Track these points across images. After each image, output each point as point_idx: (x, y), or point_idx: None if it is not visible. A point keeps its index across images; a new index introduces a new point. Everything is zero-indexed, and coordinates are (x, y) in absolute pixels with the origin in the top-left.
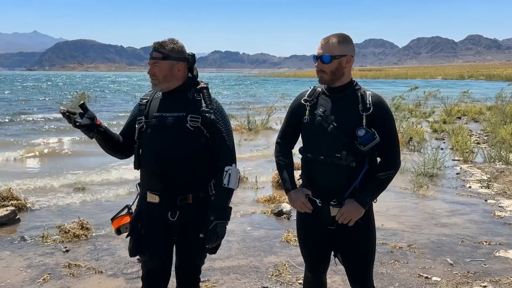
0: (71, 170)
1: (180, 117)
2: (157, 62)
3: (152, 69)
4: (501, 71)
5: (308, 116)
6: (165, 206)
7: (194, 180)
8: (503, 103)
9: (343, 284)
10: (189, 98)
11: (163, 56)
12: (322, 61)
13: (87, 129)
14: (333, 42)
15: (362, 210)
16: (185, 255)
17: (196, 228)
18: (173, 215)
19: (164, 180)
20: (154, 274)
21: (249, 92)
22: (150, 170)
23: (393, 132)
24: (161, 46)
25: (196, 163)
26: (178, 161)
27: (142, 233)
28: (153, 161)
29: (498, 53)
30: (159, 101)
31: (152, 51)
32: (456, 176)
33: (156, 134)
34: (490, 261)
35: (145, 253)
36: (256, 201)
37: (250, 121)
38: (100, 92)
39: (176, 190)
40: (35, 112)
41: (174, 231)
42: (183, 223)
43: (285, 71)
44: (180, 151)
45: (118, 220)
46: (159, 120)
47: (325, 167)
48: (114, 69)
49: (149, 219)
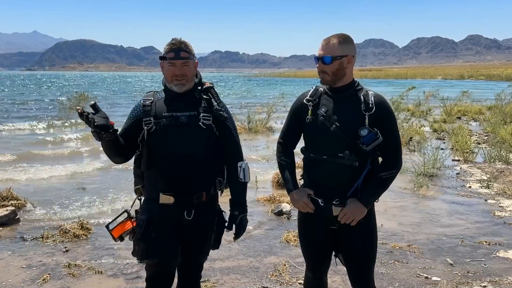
0: (71, 169)
1: (193, 116)
2: (186, 62)
3: (182, 69)
4: (501, 71)
5: (310, 116)
6: (180, 206)
7: (207, 177)
8: (502, 104)
9: (343, 284)
10: (196, 97)
11: (189, 55)
12: (323, 62)
13: (102, 130)
14: (333, 42)
15: (365, 210)
16: (191, 252)
17: (205, 225)
18: (189, 214)
19: (180, 179)
20: (160, 276)
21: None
22: (163, 171)
23: (395, 132)
24: (186, 46)
25: (208, 160)
26: (194, 160)
27: (153, 236)
28: (167, 161)
29: (498, 53)
30: (165, 101)
31: (178, 51)
32: (456, 176)
33: (170, 134)
34: (490, 261)
35: (155, 257)
36: (256, 201)
37: (250, 121)
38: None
39: (192, 189)
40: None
41: (188, 230)
42: (197, 221)
43: (285, 71)
44: (195, 150)
45: (120, 227)
46: (171, 120)
47: (327, 166)
48: (114, 69)
49: (162, 222)
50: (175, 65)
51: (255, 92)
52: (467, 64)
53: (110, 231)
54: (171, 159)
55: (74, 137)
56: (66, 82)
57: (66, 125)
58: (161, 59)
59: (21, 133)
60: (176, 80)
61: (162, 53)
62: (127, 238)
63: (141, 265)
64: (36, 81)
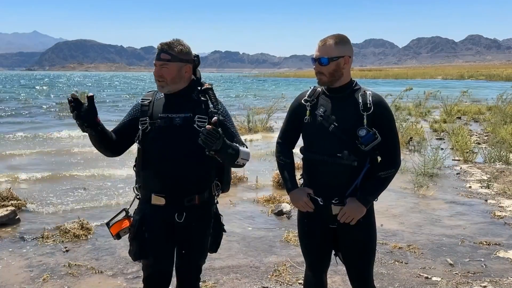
0: (71, 170)
1: (188, 118)
2: (165, 63)
3: (159, 71)
4: (501, 71)
5: (308, 116)
6: (171, 208)
7: (200, 180)
8: (503, 104)
9: (343, 284)
10: (194, 99)
11: (171, 57)
12: (320, 63)
13: (84, 123)
14: (330, 44)
15: (364, 209)
16: (187, 255)
17: (200, 228)
18: (180, 216)
19: (171, 181)
20: (156, 277)
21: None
22: (156, 172)
23: (394, 131)
24: (169, 48)
25: (202, 163)
26: (186, 162)
27: (146, 237)
28: (160, 163)
29: (498, 53)
30: (163, 102)
31: (159, 52)
32: (456, 176)
33: (163, 135)
34: (490, 261)
35: (148, 257)
36: (256, 201)
37: (250, 121)
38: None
39: (183, 192)
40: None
41: (180, 232)
42: (189, 224)
43: (285, 71)
44: (187, 152)
45: (117, 225)
46: (165, 121)
47: (326, 166)
48: (114, 69)
49: (154, 222)
50: (156, 66)
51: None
52: (467, 64)
53: (109, 227)
54: (163, 161)
55: (74, 135)
56: (77, 82)
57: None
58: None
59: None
60: (157, 81)
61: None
62: (125, 236)
63: (141, 265)
64: (47, 82)
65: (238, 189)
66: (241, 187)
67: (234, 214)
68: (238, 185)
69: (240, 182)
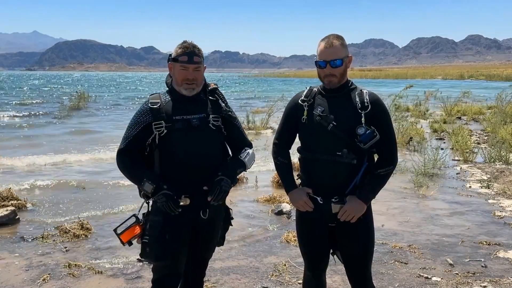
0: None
1: (203, 118)
2: (198, 66)
3: (193, 74)
4: (501, 71)
5: (306, 116)
6: (196, 207)
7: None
8: (503, 104)
9: (343, 284)
10: (203, 99)
11: (202, 60)
12: (334, 66)
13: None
14: (337, 45)
15: (364, 207)
16: (198, 249)
17: (217, 221)
18: (205, 213)
19: (196, 181)
20: (169, 279)
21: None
22: (179, 174)
23: (391, 129)
24: (199, 51)
25: (218, 160)
26: (208, 162)
27: (167, 238)
28: (184, 164)
29: (498, 53)
30: (172, 104)
31: (191, 55)
32: (456, 176)
33: (183, 137)
34: (490, 261)
35: (167, 259)
36: (256, 201)
37: (249, 121)
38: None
39: (207, 190)
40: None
41: (203, 228)
42: (211, 218)
43: (285, 71)
44: (208, 151)
45: (129, 232)
46: (183, 123)
47: (325, 165)
48: (114, 69)
49: (177, 224)
50: (188, 69)
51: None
52: (467, 64)
53: (119, 235)
54: (186, 162)
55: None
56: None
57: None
58: (173, 60)
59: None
60: (187, 84)
61: (172, 54)
62: (135, 241)
63: (141, 265)
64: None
65: (238, 189)
66: (241, 187)
67: (234, 214)
68: (238, 185)
69: (240, 182)
